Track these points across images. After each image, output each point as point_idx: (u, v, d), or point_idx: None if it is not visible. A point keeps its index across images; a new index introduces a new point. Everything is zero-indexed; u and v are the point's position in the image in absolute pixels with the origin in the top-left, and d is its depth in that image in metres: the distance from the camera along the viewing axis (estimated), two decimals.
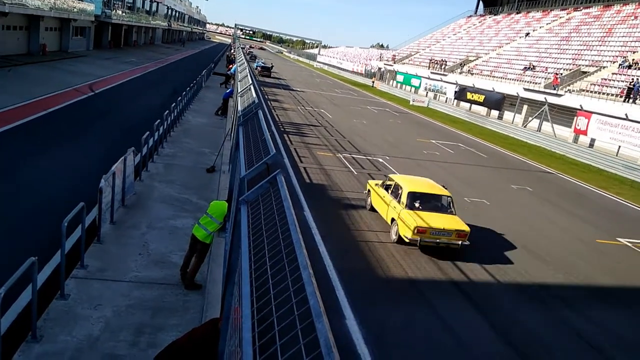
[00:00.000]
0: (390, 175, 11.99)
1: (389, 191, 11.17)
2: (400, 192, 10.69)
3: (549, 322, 8.23)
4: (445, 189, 11.20)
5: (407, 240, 9.89)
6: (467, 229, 10.10)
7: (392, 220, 10.61)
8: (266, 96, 33.34)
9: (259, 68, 50.64)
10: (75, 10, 36.20)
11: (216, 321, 4.38)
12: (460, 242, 9.98)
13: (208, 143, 15.93)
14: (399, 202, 10.54)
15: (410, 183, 11.02)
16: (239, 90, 11.54)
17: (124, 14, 52.21)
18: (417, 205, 10.37)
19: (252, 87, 9.67)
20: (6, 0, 24.56)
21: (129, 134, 14.51)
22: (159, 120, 13.30)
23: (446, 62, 47.76)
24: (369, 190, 12.44)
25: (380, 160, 18.50)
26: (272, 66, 54.21)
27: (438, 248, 10.04)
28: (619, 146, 26.14)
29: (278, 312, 1.93)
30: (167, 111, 14.95)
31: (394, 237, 10.40)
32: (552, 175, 21.50)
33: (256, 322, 2.03)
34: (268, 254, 2.48)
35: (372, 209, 12.08)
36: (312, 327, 1.68)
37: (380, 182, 12.07)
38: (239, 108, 8.82)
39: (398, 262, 9.46)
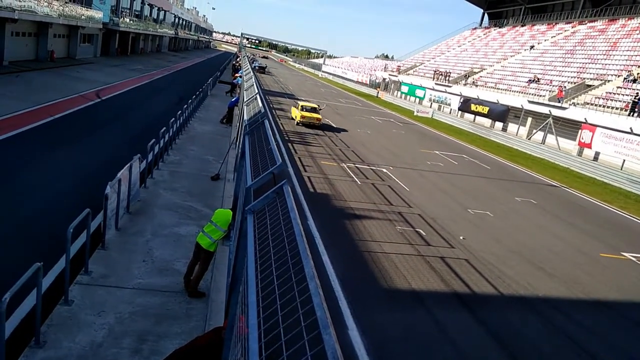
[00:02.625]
0: (298, 102, 29.74)
1: (297, 107, 27.34)
2: (299, 106, 27.32)
3: (552, 335, 8.19)
4: (319, 107, 28.75)
5: (299, 122, 26.29)
6: (320, 117, 26.71)
7: (296, 117, 26.91)
8: (271, 105, 33.49)
9: (256, 67, 65.31)
10: (83, 17, 36.57)
11: (219, 330, 4.39)
12: (319, 123, 26.36)
13: (213, 151, 16.00)
14: (298, 109, 27.01)
15: (303, 102, 28.64)
16: (245, 100, 11.62)
17: (131, 21, 52.71)
18: (304, 110, 26.61)
19: (258, 96, 9.74)
20: (16, 7, 24.86)
21: (134, 141, 14.60)
22: (164, 128, 13.39)
23: (450, 73, 47.92)
24: (292, 111, 28.84)
25: (384, 170, 18.52)
26: (266, 66, 79.20)
27: (310, 125, 26.15)
28: (624, 160, 26.10)
29: (285, 322, 1.95)
30: (172, 119, 15.05)
31: (296, 124, 26.55)
32: (556, 188, 21.45)
33: (263, 332, 2.04)
34: (274, 264, 2.49)
35: (292, 118, 27.92)
36: (319, 339, 1.70)
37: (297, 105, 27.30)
38: (245, 117, 8.88)
39: (401, 272, 9.45)
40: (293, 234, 2.59)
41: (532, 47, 46.65)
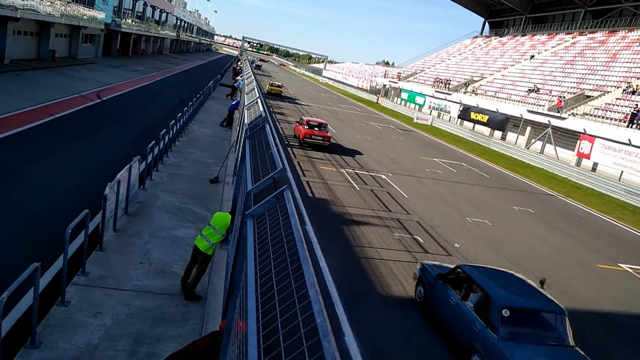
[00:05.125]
0: (270, 80, 51.83)
1: (268, 83, 46.03)
2: (269, 82, 46.33)
3: None
4: (281, 85, 47.39)
5: (268, 91, 43.38)
6: (282, 90, 46.10)
7: (267, 88, 44.03)
8: (271, 109, 33.54)
9: (254, 66, 73.07)
10: (85, 17, 36.63)
11: (216, 334, 4.38)
12: (281, 92, 45.52)
13: (212, 154, 16.01)
14: (268, 84, 45.42)
15: (272, 81, 49.27)
16: (246, 103, 11.64)
17: (133, 22, 52.79)
18: (272, 86, 44.97)
19: (259, 100, 9.76)
20: (18, 5, 24.89)
21: (134, 142, 14.61)
22: (164, 130, 13.39)
23: (451, 81, 48.06)
24: (264, 85, 45.21)
25: (383, 176, 18.54)
26: (261, 64, 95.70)
27: (275, 93, 44.76)
28: (622, 171, 26.16)
29: (284, 328, 1.95)
30: (172, 121, 15.06)
31: (266, 92, 42.29)
32: (554, 198, 21.49)
33: (262, 338, 2.05)
34: (274, 269, 2.50)
35: (264, 90, 37.11)
36: (319, 346, 1.70)
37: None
38: (246, 121, 8.90)
39: (398, 279, 9.44)
40: (293, 239, 2.60)
41: (532, 56, 46.85)
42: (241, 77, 33.14)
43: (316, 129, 21.77)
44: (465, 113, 41.77)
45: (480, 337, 6.44)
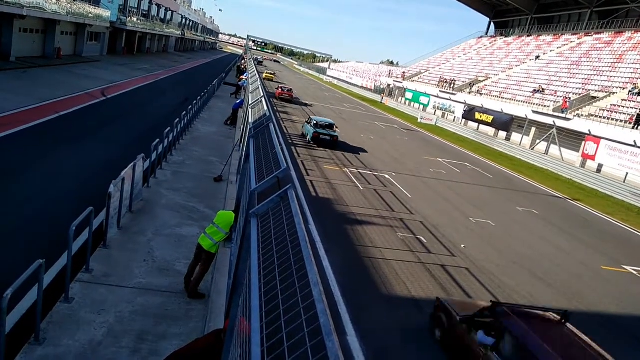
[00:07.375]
0: (264, 71, 63.63)
1: (264, 73, 61.56)
2: (265, 72, 64.09)
3: None
4: (274, 73, 67.11)
5: (264, 78, 57.78)
6: (273, 77, 63.56)
7: (264, 76, 59.00)
8: (275, 108, 33.55)
9: (257, 62, 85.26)
10: (91, 15, 36.73)
11: (219, 332, 4.39)
12: (273, 78, 62.81)
13: (216, 152, 16.03)
14: (264, 73, 58.07)
15: (267, 70, 68.91)
16: (250, 102, 11.64)
17: (138, 21, 52.90)
18: (268, 74, 62.21)
19: (263, 99, 9.76)
20: (24, 3, 24.99)
21: (138, 140, 14.65)
22: (169, 128, 13.42)
23: (455, 81, 47.95)
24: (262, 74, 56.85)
25: (387, 176, 18.52)
26: (263, 60, 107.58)
27: (269, 79, 60.54)
28: (627, 173, 26.05)
29: (288, 328, 1.95)
30: (177, 119, 15.09)
31: (263, 78, 56.51)
32: (558, 199, 21.41)
33: (265, 337, 2.05)
34: (278, 268, 2.50)
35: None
36: (322, 345, 1.70)
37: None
38: (250, 120, 8.90)
39: (401, 279, 9.44)
40: (297, 239, 2.59)
41: (537, 57, 46.68)
42: (245, 76, 33.21)
43: (286, 90, 40.62)
44: (470, 113, 41.68)
45: (308, 131, 22.55)
